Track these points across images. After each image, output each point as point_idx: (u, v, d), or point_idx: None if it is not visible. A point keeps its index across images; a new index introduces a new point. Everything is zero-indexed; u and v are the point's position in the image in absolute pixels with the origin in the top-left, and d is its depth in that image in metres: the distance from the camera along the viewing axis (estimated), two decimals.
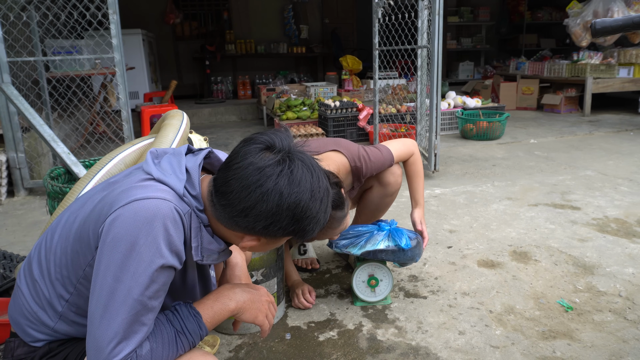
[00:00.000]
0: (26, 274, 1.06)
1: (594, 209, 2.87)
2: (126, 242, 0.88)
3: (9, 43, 3.44)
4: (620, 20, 1.24)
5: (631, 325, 1.72)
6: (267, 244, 1.02)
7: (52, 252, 1.02)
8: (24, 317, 1.05)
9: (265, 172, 0.92)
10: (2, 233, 2.74)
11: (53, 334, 1.04)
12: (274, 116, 5.60)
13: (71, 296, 1.01)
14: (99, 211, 0.95)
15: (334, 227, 1.62)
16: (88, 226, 0.96)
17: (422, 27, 3.82)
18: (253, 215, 0.93)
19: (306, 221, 0.96)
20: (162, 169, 0.99)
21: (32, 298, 1.04)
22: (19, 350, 1.06)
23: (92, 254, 0.95)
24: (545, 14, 9.52)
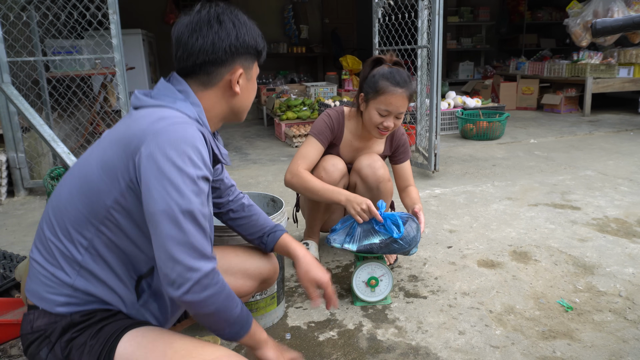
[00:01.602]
0: (37, 243, 1.09)
1: (594, 209, 2.87)
2: (170, 163, 0.97)
3: (9, 43, 3.44)
4: (621, 20, 1.24)
5: (631, 325, 1.72)
6: (247, 75, 1.17)
7: (62, 206, 1.06)
8: (41, 284, 1.06)
9: (196, 12, 1.12)
10: (2, 233, 2.74)
11: (73, 293, 1.05)
12: (274, 116, 5.60)
13: (90, 242, 1.04)
14: (126, 144, 1.01)
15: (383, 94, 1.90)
16: (112, 163, 1.02)
17: (422, 27, 3.82)
18: (216, 41, 1.09)
19: (251, 28, 1.15)
20: (166, 99, 1.09)
21: (46, 261, 1.06)
22: (39, 322, 1.05)
23: (120, 187, 1.01)
24: (545, 14, 9.52)
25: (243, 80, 1.16)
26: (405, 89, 1.92)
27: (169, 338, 1.06)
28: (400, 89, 1.91)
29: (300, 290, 2.03)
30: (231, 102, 1.18)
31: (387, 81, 1.91)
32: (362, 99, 2.00)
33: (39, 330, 1.05)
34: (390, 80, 1.91)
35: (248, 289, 1.41)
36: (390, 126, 1.96)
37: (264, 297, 1.72)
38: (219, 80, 1.14)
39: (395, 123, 1.98)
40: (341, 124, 2.11)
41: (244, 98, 1.19)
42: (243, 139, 5.46)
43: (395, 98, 1.91)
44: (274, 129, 5.65)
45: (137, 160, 0.99)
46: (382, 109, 1.93)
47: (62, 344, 1.03)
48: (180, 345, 1.03)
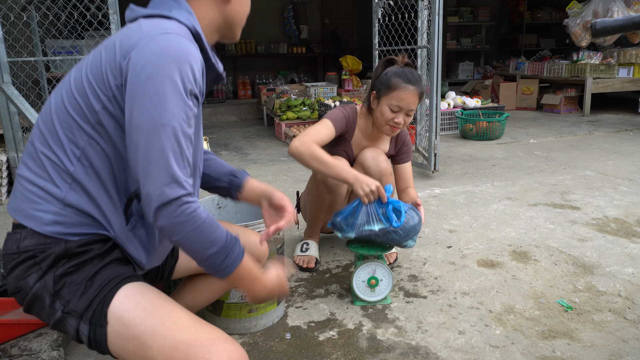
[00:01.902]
0: (25, 159, 1.03)
1: (593, 208, 2.88)
2: (160, 73, 0.92)
3: (10, 43, 3.44)
4: (621, 21, 1.25)
5: (631, 325, 1.72)
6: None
7: (53, 113, 1.01)
8: (27, 201, 1.00)
9: None
10: (2, 233, 2.74)
11: (62, 210, 0.99)
12: (274, 116, 5.60)
13: (82, 150, 0.99)
14: (117, 48, 0.97)
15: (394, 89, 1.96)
16: (101, 66, 0.98)
17: (422, 27, 3.82)
18: None
19: None
20: (160, 8, 1.05)
21: (36, 175, 1.00)
22: (27, 242, 0.99)
23: (107, 92, 0.97)
24: (545, 14, 9.52)
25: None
26: (417, 86, 1.98)
27: (169, 305, 1.01)
28: (412, 86, 1.97)
29: (301, 290, 2.03)
30: (224, 11, 1.12)
31: (399, 78, 1.98)
32: (374, 97, 2.05)
33: (26, 250, 0.98)
34: (402, 78, 1.98)
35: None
36: (401, 122, 2.01)
37: None
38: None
39: (405, 120, 2.02)
40: (354, 120, 2.15)
41: (237, 7, 1.14)
42: (243, 139, 5.47)
43: (406, 94, 1.96)
44: (274, 129, 5.65)
45: (125, 65, 0.94)
46: (393, 104, 1.98)
47: (55, 276, 0.98)
48: (180, 317, 0.99)
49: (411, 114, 2.02)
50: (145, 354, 0.95)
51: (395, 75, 1.98)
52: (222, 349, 0.96)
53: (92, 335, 0.97)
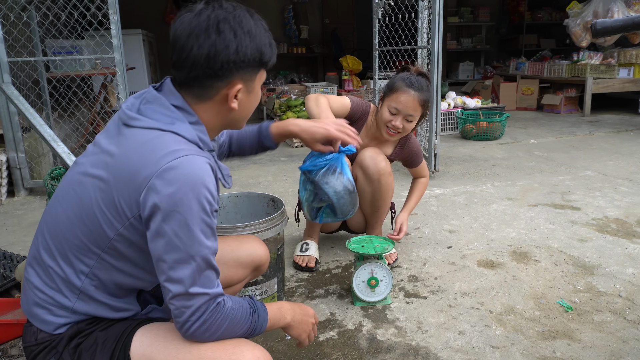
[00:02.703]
0: (32, 264, 1.05)
1: (593, 209, 2.87)
2: (180, 208, 0.91)
3: (10, 43, 3.44)
4: (621, 21, 1.24)
5: (631, 326, 1.72)
6: (248, 88, 1.06)
7: (61, 232, 1.01)
8: (39, 307, 1.03)
9: (197, 14, 0.99)
10: (2, 233, 2.74)
11: (72, 315, 1.02)
12: (274, 116, 5.60)
13: (91, 269, 1.00)
14: (127, 178, 0.94)
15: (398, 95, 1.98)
16: (114, 197, 0.95)
17: (422, 27, 3.82)
18: (212, 55, 0.97)
19: (257, 37, 1.02)
20: (161, 119, 0.99)
21: (45, 284, 1.02)
22: (43, 334, 1.03)
23: (123, 222, 0.96)
24: (545, 14, 9.52)
25: (243, 94, 1.06)
26: (419, 92, 1.98)
27: None
28: (413, 91, 1.97)
29: (301, 290, 2.03)
30: (228, 116, 1.08)
31: (402, 81, 2.00)
32: (380, 99, 2.09)
33: (44, 342, 1.03)
34: (405, 81, 1.99)
35: (241, 276, 1.41)
36: (399, 127, 2.01)
37: (264, 298, 1.72)
38: (215, 95, 1.03)
39: (404, 125, 2.02)
40: (366, 114, 2.17)
41: (242, 111, 1.10)
42: None
43: (405, 97, 1.97)
44: None
45: (142, 201, 0.93)
46: (392, 106, 1.99)
47: (69, 350, 1.01)
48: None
49: (411, 120, 2.02)
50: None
51: (400, 79, 2.01)
52: (246, 350, 1.00)
53: None
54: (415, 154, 2.26)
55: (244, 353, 0.99)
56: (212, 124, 1.08)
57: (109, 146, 1.00)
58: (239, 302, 1.02)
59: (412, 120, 2.03)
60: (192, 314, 0.94)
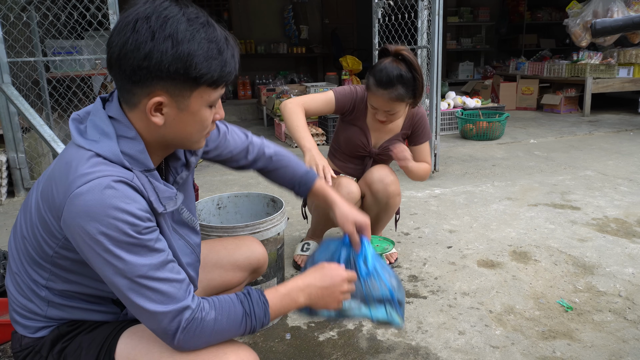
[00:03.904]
0: (8, 271, 1.06)
1: (593, 209, 2.87)
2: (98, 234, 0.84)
3: (9, 43, 3.44)
4: (621, 21, 1.24)
5: (631, 325, 1.72)
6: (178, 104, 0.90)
7: (19, 242, 1.01)
8: (17, 313, 1.04)
9: (132, 6, 0.87)
10: (2, 233, 2.74)
11: (49, 320, 1.03)
12: (274, 116, 5.60)
13: (47, 281, 0.99)
14: (50, 203, 0.91)
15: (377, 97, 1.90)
16: (45, 217, 0.92)
17: (422, 27, 3.82)
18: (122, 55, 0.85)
19: (184, 45, 0.84)
20: (90, 135, 0.91)
21: (17, 292, 1.03)
22: (26, 340, 1.04)
23: (57, 241, 0.93)
24: (545, 14, 9.52)
25: (170, 110, 0.89)
26: (390, 90, 1.86)
27: None
28: (383, 91, 1.87)
29: None
30: (159, 132, 0.93)
31: (373, 79, 1.90)
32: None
33: (28, 347, 1.04)
34: (377, 80, 1.89)
35: (239, 279, 1.40)
36: (383, 120, 1.97)
37: None
38: (138, 102, 0.89)
39: (389, 118, 1.97)
40: (361, 101, 2.09)
41: (175, 131, 0.93)
42: None
43: (376, 99, 1.92)
44: (274, 129, 5.65)
45: (64, 227, 0.88)
46: (370, 104, 1.98)
47: (54, 355, 1.02)
48: None
49: (393, 113, 1.94)
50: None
51: (372, 76, 1.91)
52: (229, 351, 0.98)
53: None
54: (423, 125, 2.14)
55: (227, 355, 0.96)
56: (147, 139, 0.94)
57: (54, 163, 0.97)
58: (227, 309, 0.96)
59: (394, 113, 1.94)
60: (165, 332, 0.90)
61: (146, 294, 0.88)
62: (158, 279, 0.88)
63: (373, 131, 2.14)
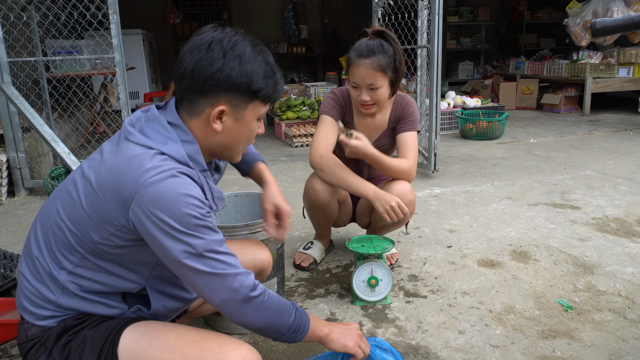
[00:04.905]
0: (25, 256, 1.09)
1: (593, 208, 2.88)
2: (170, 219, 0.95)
3: (10, 43, 3.44)
4: (620, 20, 1.25)
5: (631, 325, 1.72)
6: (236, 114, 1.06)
7: (50, 226, 1.04)
8: (27, 299, 1.06)
9: (200, 33, 1.05)
10: (3, 233, 2.74)
11: (57, 309, 1.05)
12: (274, 116, 5.60)
13: (74, 266, 1.03)
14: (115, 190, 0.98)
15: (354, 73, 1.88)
16: (102, 205, 0.99)
17: (421, 27, 3.82)
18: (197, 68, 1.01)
19: (249, 64, 1.03)
20: (156, 138, 1.02)
21: (32, 276, 1.05)
22: (33, 330, 1.06)
23: (110, 229, 0.99)
24: (544, 13, 9.52)
25: (229, 119, 1.06)
26: (370, 59, 1.82)
27: (172, 326, 1.07)
28: (364, 59, 1.83)
29: (301, 290, 2.03)
30: (214, 139, 1.09)
31: (353, 53, 1.88)
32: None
33: (33, 338, 1.06)
34: (356, 51, 1.86)
35: None
36: (366, 99, 1.90)
37: None
38: (201, 112, 1.05)
39: (372, 96, 1.89)
40: (347, 100, 2.08)
41: (228, 137, 1.09)
42: None
43: (358, 69, 1.86)
44: (274, 129, 5.65)
45: (133, 217, 0.97)
46: (351, 81, 1.91)
47: (59, 348, 1.03)
48: (184, 332, 1.05)
49: (376, 87, 1.87)
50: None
51: (351, 51, 1.88)
52: (231, 349, 1.01)
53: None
54: (411, 113, 2.03)
55: (229, 352, 1.00)
56: (202, 144, 1.09)
57: (107, 155, 1.04)
58: (278, 297, 1.08)
59: (378, 88, 1.87)
60: (233, 295, 1.00)
61: (214, 264, 0.99)
62: (222, 252, 1.01)
63: (361, 130, 2.09)
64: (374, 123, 2.10)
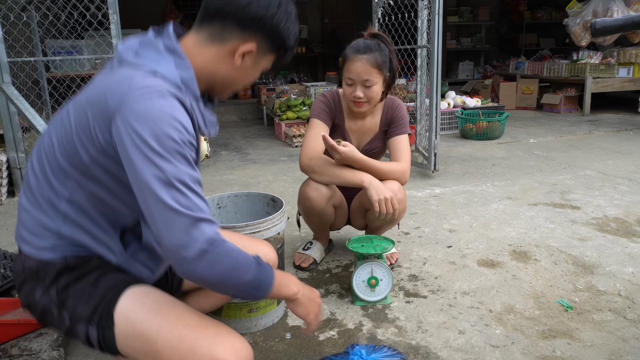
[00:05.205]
0: (25, 190, 1.07)
1: (593, 208, 2.88)
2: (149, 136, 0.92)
3: (10, 43, 3.44)
4: (620, 20, 1.25)
5: (631, 325, 1.72)
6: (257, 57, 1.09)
7: (44, 154, 1.03)
8: (26, 229, 1.05)
9: None
10: (3, 233, 2.74)
11: (58, 239, 1.03)
12: (274, 116, 5.60)
13: (71, 193, 1.02)
14: (101, 106, 0.96)
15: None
16: (89, 123, 0.97)
17: (421, 26, 3.82)
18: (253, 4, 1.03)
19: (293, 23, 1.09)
20: (149, 58, 1.01)
21: (32, 206, 1.04)
22: (30, 262, 1.04)
23: (96, 146, 0.98)
24: (544, 13, 9.52)
25: (249, 59, 1.08)
26: (367, 55, 1.86)
27: (173, 303, 1.04)
28: (360, 55, 1.88)
29: None
30: (223, 71, 1.08)
31: (350, 49, 1.92)
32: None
33: (30, 269, 1.04)
34: (353, 48, 1.91)
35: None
36: (360, 96, 1.91)
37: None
38: (229, 42, 1.05)
39: (365, 93, 1.91)
40: (337, 103, 2.09)
41: (237, 76, 1.11)
42: (243, 138, 5.46)
43: (354, 64, 1.89)
44: (274, 129, 5.65)
45: (115, 131, 0.95)
46: (346, 77, 1.93)
47: (58, 289, 1.02)
48: (184, 313, 1.02)
49: (370, 85, 1.89)
50: (152, 348, 0.98)
51: (348, 48, 1.93)
52: (226, 340, 0.99)
53: (101, 337, 1.01)
54: (401, 117, 2.06)
55: (224, 343, 0.98)
56: (206, 72, 1.07)
57: (99, 80, 1.03)
58: (239, 250, 1.00)
59: (372, 85, 1.90)
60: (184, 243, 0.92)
61: (179, 199, 0.93)
62: (192, 190, 0.95)
63: (352, 133, 2.12)
64: (365, 126, 2.11)
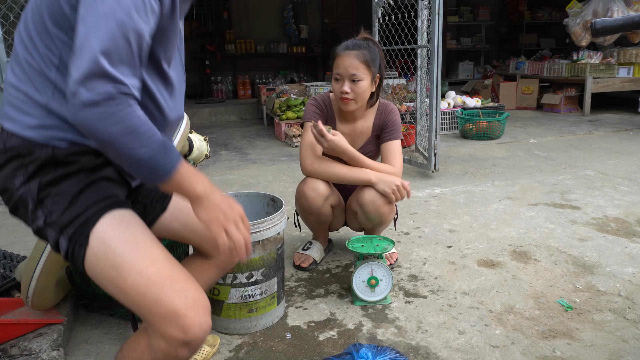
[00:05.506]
0: (12, 64, 1.02)
1: (593, 208, 2.88)
2: None
3: (9, 43, 3.44)
4: (621, 20, 1.25)
5: (631, 325, 1.72)
6: None
7: (30, 19, 0.98)
8: (12, 106, 1.00)
9: None
10: (3, 233, 2.74)
11: (45, 116, 0.98)
12: (274, 116, 5.60)
13: (59, 57, 0.96)
14: None
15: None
16: None
17: (421, 26, 3.82)
18: None
19: None
20: None
21: (19, 81, 0.99)
22: (13, 141, 0.98)
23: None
24: (545, 13, 9.52)
25: None
26: (356, 51, 1.91)
27: (151, 242, 1.01)
28: (349, 51, 1.92)
29: (301, 290, 2.03)
30: None
31: (339, 47, 1.97)
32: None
33: (12, 148, 0.98)
34: (342, 46, 1.96)
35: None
36: (347, 90, 1.92)
37: (264, 297, 1.72)
38: None
39: (352, 88, 1.92)
40: (329, 105, 2.11)
41: None
42: (243, 138, 5.46)
43: (342, 59, 1.92)
44: (274, 129, 5.65)
45: None
46: (335, 73, 1.96)
47: (40, 183, 0.98)
48: (159, 257, 0.99)
49: (358, 79, 1.90)
50: (119, 284, 0.96)
51: (338, 47, 1.98)
52: (189, 295, 0.97)
53: (70, 251, 0.98)
54: (394, 122, 2.07)
55: (187, 299, 0.95)
56: None
57: None
58: (150, 124, 0.92)
59: (359, 81, 1.91)
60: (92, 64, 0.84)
61: (107, 41, 0.85)
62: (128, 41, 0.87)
63: (344, 136, 2.08)
64: (357, 129, 2.12)
